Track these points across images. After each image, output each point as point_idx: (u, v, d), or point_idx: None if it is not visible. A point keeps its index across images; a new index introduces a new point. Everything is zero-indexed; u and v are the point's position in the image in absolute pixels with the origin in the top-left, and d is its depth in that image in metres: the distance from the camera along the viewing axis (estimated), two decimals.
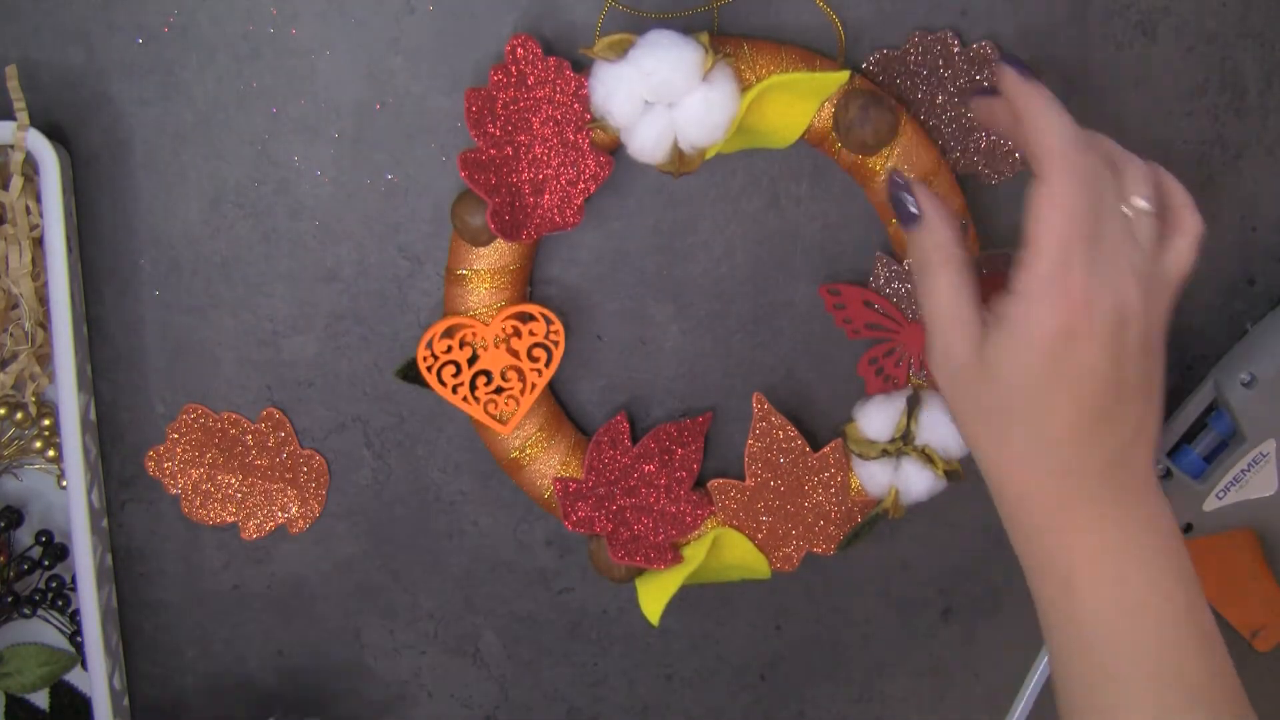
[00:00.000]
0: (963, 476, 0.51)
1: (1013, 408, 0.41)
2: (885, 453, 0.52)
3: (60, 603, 0.54)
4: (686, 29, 0.47)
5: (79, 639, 0.55)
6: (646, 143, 0.46)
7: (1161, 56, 0.52)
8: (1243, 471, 0.51)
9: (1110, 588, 0.42)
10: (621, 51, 0.46)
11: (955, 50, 0.50)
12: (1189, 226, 0.42)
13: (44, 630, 0.55)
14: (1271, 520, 0.52)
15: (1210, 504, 0.52)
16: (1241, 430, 0.51)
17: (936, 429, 0.51)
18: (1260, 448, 0.51)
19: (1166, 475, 0.52)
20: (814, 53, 0.49)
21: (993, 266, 0.47)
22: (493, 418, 0.51)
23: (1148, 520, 0.42)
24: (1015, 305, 0.40)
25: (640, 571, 0.53)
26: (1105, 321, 0.39)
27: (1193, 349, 0.55)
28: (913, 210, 0.44)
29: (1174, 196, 0.42)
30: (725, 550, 0.53)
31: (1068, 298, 0.39)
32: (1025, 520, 0.43)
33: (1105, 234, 0.40)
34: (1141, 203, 0.41)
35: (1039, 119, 0.41)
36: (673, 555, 0.53)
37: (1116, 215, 0.40)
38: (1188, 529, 0.53)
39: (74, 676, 0.56)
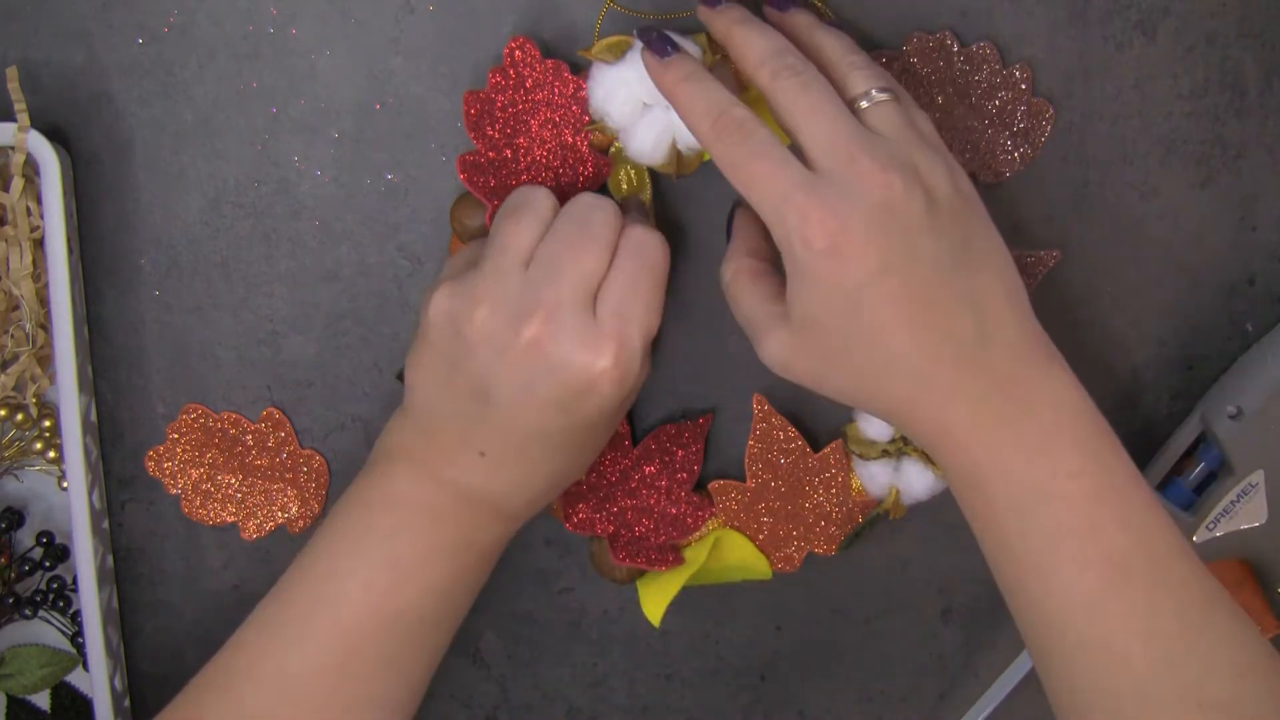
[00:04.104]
0: None
1: (846, 345, 0.41)
2: (885, 453, 0.52)
3: (61, 604, 0.54)
4: (685, 30, 0.47)
5: (80, 640, 0.55)
6: (645, 145, 0.46)
7: (1161, 56, 0.52)
8: (1232, 503, 0.52)
9: (1006, 480, 0.41)
10: (620, 53, 0.46)
11: (954, 51, 0.50)
12: (903, 94, 0.43)
13: (45, 631, 0.55)
14: (1262, 550, 0.52)
15: (1201, 535, 0.52)
16: (1230, 462, 0.52)
17: None
18: (1249, 479, 0.51)
19: None
20: None
21: None
22: None
23: (1030, 399, 0.41)
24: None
25: (641, 573, 0.53)
26: (910, 204, 0.40)
27: (1193, 349, 0.55)
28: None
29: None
30: (726, 551, 0.53)
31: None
32: (925, 439, 0.42)
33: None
34: (880, 95, 0.42)
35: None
36: (674, 557, 0.53)
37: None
38: None
39: (75, 677, 0.56)
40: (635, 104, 0.46)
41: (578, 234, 0.43)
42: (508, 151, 0.48)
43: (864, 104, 0.42)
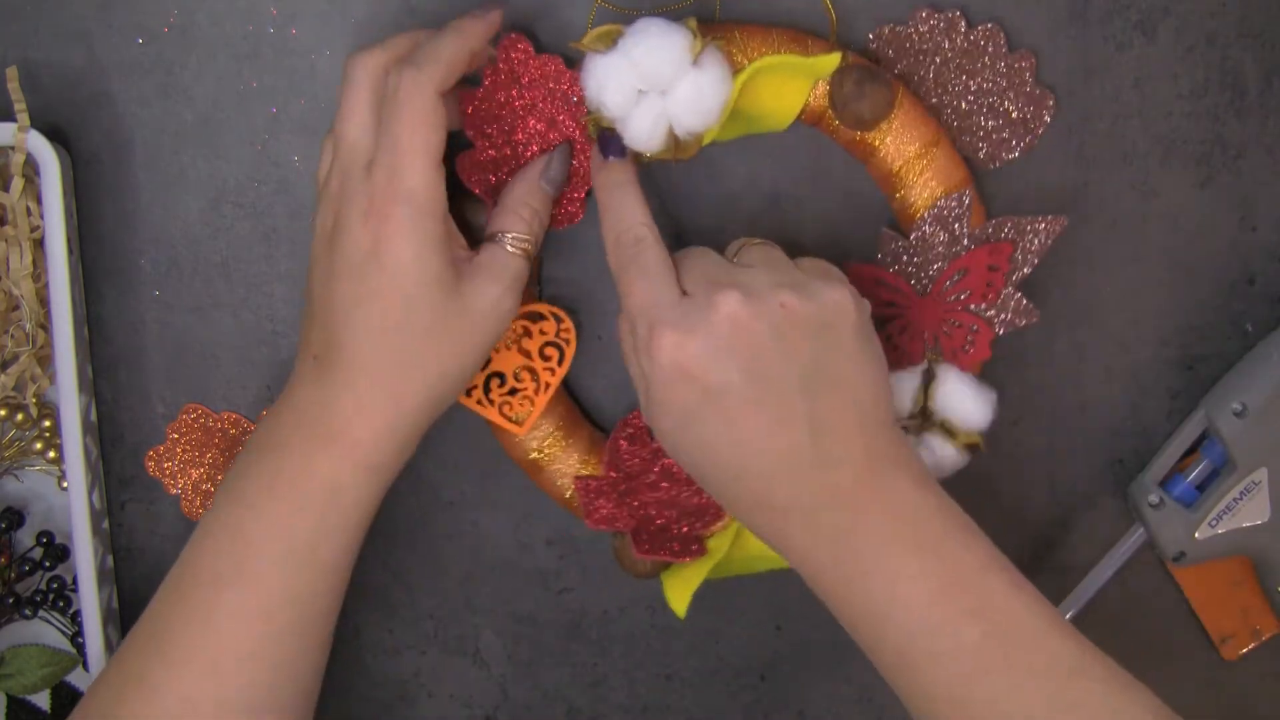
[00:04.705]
0: (983, 449, 0.51)
1: (690, 459, 0.44)
2: (905, 430, 0.50)
3: (61, 604, 0.54)
4: (676, 17, 0.46)
5: (80, 640, 0.55)
6: (642, 131, 0.46)
7: (1161, 56, 0.52)
8: (1235, 500, 0.52)
9: (847, 595, 0.42)
10: (611, 42, 0.46)
11: (961, 31, 0.50)
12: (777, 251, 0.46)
13: (45, 631, 0.55)
14: (1264, 547, 0.53)
15: (1203, 532, 0.53)
16: (1233, 459, 0.52)
17: (950, 400, 0.50)
18: (1252, 476, 0.52)
19: (1159, 504, 0.53)
20: (806, 34, 0.49)
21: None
22: (509, 420, 0.51)
23: (866, 510, 0.42)
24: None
25: (665, 566, 0.53)
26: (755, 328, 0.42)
27: (1193, 349, 0.55)
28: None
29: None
30: (750, 540, 0.52)
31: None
32: (773, 548, 0.45)
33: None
34: (751, 242, 0.46)
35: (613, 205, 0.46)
36: (697, 547, 0.52)
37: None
38: (1180, 557, 0.53)
39: (75, 677, 0.56)
40: (630, 91, 0.45)
41: (340, 109, 0.44)
42: (507, 149, 0.48)
43: (740, 251, 0.45)
